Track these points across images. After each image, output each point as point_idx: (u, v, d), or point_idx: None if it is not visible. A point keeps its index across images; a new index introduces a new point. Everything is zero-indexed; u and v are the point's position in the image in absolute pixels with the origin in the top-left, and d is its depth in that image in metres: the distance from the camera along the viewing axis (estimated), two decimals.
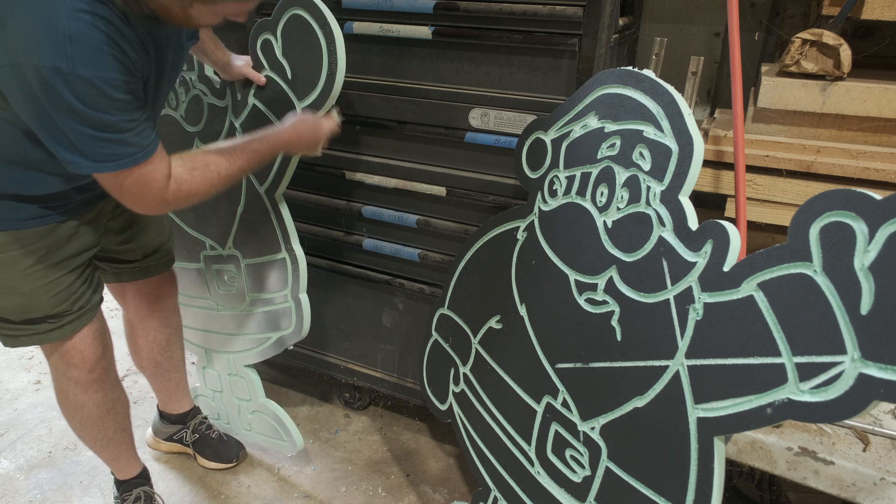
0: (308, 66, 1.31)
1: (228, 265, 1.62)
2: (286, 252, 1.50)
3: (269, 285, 1.56)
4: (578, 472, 1.14)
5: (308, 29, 1.28)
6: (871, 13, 1.19)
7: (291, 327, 1.56)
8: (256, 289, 1.59)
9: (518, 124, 1.32)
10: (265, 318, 1.60)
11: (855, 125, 1.23)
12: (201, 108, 1.51)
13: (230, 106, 1.47)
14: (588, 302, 1.10)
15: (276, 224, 1.49)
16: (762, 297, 0.84)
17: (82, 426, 1.38)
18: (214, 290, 1.68)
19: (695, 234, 0.93)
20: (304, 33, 1.29)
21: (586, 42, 1.22)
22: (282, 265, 1.52)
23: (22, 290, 1.16)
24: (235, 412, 1.77)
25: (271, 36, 1.34)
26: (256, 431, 1.75)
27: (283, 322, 1.57)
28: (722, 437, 0.91)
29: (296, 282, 1.50)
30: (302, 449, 1.70)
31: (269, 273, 1.55)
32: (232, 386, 1.74)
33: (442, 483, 1.70)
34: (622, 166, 1.03)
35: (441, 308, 1.46)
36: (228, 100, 1.46)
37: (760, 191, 1.28)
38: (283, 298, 1.54)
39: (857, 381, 0.74)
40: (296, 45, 1.32)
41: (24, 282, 1.16)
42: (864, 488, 1.09)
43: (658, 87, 0.99)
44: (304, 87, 1.34)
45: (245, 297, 1.62)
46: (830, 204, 0.77)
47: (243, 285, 1.61)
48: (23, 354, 2.23)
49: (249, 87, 1.42)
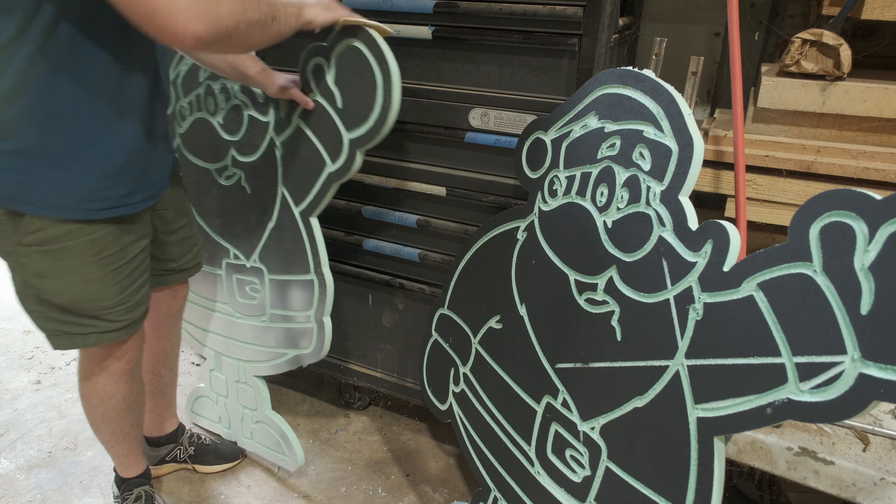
0: (361, 100, 1.27)
1: (252, 277, 1.59)
2: (315, 275, 1.47)
3: (293, 303, 1.53)
4: (578, 472, 1.14)
5: (365, 64, 1.23)
6: (871, 13, 1.19)
7: (311, 348, 1.53)
8: (278, 305, 1.56)
9: (518, 124, 1.32)
10: (284, 334, 1.59)
11: (855, 125, 1.23)
12: (241, 118, 1.47)
13: (273, 123, 1.43)
14: (588, 302, 1.10)
15: (308, 245, 1.46)
16: (762, 297, 0.84)
17: (104, 418, 1.36)
18: (233, 298, 1.65)
19: (695, 234, 0.93)
20: (361, 67, 1.24)
21: (586, 42, 1.22)
22: (308, 286, 1.49)
23: (94, 276, 1.17)
24: (238, 419, 1.76)
25: (324, 62, 1.29)
26: (258, 442, 1.74)
27: (302, 341, 1.55)
28: (722, 437, 0.91)
29: (321, 305, 1.48)
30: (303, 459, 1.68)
31: (294, 292, 1.52)
32: (238, 393, 1.72)
33: (442, 483, 1.70)
34: (622, 166, 1.03)
35: (441, 308, 1.46)
36: (272, 116, 1.42)
37: (760, 191, 1.28)
38: (306, 319, 1.52)
39: (857, 381, 0.74)
40: (350, 76, 1.27)
41: (95, 267, 1.16)
42: (864, 488, 1.09)
43: (658, 87, 0.99)
44: (354, 119, 1.29)
45: (265, 311, 1.59)
46: (830, 204, 0.77)
47: (265, 299, 1.58)
48: (23, 354, 2.23)
49: (296, 108, 1.38)
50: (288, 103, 1.38)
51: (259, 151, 1.47)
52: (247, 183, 1.51)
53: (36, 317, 1.19)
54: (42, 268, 1.13)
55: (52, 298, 1.16)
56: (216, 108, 1.50)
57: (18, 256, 1.12)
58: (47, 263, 1.13)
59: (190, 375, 2.11)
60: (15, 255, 1.13)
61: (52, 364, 2.18)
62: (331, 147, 1.35)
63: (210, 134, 1.53)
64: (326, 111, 1.32)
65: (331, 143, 1.34)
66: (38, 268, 1.13)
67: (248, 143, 1.48)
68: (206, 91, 1.50)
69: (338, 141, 1.33)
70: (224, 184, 1.55)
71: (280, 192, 1.46)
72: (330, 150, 1.35)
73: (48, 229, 1.09)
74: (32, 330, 2.38)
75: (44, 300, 1.16)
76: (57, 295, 1.16)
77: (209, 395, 1.82)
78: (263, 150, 1.46)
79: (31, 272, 1.13)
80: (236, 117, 1.48)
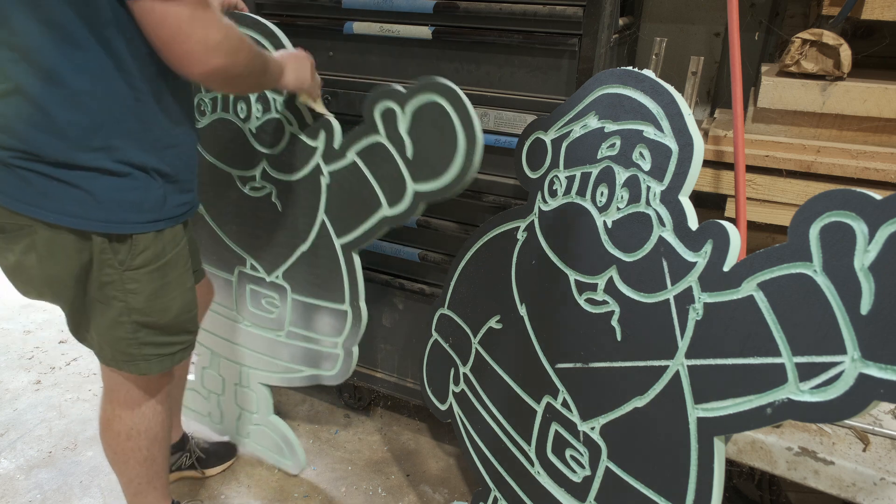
0: (436, 156, 1.21)
1: (270, 292, 1.55)
2: (350, 307, 1.43)
3: (319, 328, 1.50)
4: (578, 472, 1.14)
5: (448, 124, 1.17)
6: (871, 13, 1.19)
7: (334, 371, 1.50)
8: (301, 325, 1.52)
9: (518, 124, 1.32)
10: (303, 352, 1.55)
11: (855, 125, 1.23)
12: (281, 134, 1.40)
13: (322, 149, 1.36)
14: (588, 302, 1.10)
15: (347, 277, 1.42)
16: (762, 297, 0.84)
17: (161, 447, 1.31)
18: (243, 306, 1.61)
19: (695, 234, 0.93)
20: (443, 126, 1.18)
21: (586, 42, 1.21)
22: (340, 315, 1.45)
23: (188, 285, 1.18)
24: (234, 418, 1.76)
25: (398, 108, 1.23)
26: (256, 442, 1.74)
27: (325, 363, 1.52)
28: (722, 437, 0.91)
29: (353, 336, 1.45)
30: (305, 462, 1.69)
31: (323, 317, 1.48)
32: (237, 395, 1.71)
33: (442, 483, 1.70)
34: (622, 166, 1.03)
35: (441, 308, 1.46)
36: (321, 142, 1.36)
37: (760, 191, 1.28)
38: (332, 345, 1.48)
39: (857, 381, 0.74)
40: (428, 131, 1.20)
41: (187, 276, 1.18)
42: (864, 488, 1.09)
43: (658, 87, 0.99)
44: (425, 173, 1.23)
45: (283, 327, 1.55)
46: (830, 204, 0.77)
47: (284, 315, 1.54)
48: (23, 354, 2.23)
49: (353, 143, 1.31)
50: (346, 136, 1.33)
51: (299, 173, 1.41)
52: (278, 200, 1.46)
53: (126, 345, 1.14)
54: (152, 288, 1.11)
55: (157, 319, 1.14)
56: (248, 116, 1.43)
57: (125, 283, 1.08)
58: (157, 282, 1.11)
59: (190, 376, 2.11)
60: (120, 282, 1.08)
61: (52, 364, 2.18)
62: (391, 192, 1.30)
63: (237, 139, 1.47)
64: (392, 157, 1.27)
65: (392, 188, 1.29)
66: (149, 288, 1.10)
67: (286, 161, 1.42)
68: (236, 95, 1.44)
69: (400, 188, 1.28)
70: (248, 193, 1.50)
71: (320, 220, 1.41)
72: (389, 195, 1.30)
73: (152, 247, 1.08)
74: (32, 330, 2.38)
75: (143, 325, 1.13)
76: (162, 314, 1.14)
77: (199, 391, 1.81)
78: (306, 173, 1.40)
79: (140, 296, 1.10)
80: (275, 132, 1.41)
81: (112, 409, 1.25)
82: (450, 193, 1.22)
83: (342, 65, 1.49)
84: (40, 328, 2.40)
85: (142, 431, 1.26)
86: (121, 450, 1.27)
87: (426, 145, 1.22)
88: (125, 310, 1.10)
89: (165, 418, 1.31)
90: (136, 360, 1.16)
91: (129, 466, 1.29)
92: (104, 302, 1.10)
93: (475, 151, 1.16)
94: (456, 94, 1.15)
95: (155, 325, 1.15)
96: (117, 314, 1.10)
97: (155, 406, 1.27)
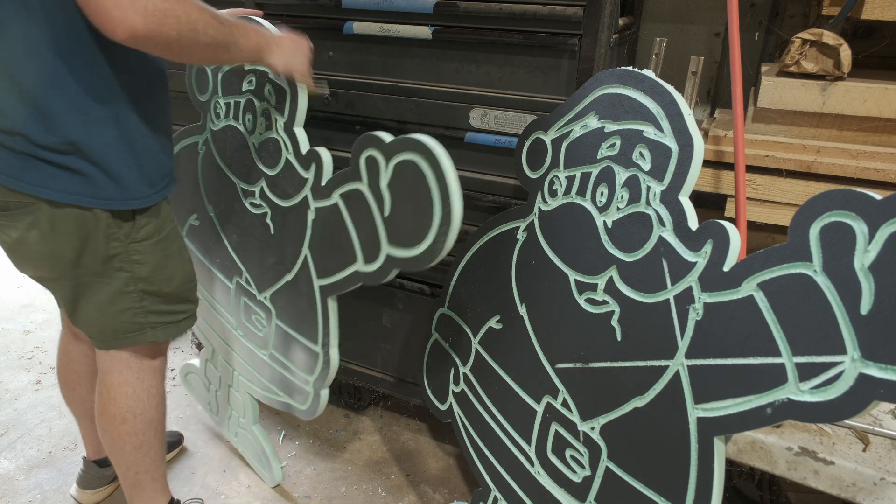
0: (410, 223, 1.10)
1: (259, 310, 1.51)
2: (322, 351, 1.38)
3: (295, 360, 1.46)
4: (578, 472, 1.14)
5: (424, 190, 1.05)
6: (871, 13, 1.19)
7: (304, 406, 1.47)
8: (281, 351, 1.49)
9: (518, 124, 1.32)
10: (281, 378, 1.52)
11: (855, 125, 1.23)
12: (279, 157, 1.34)
13: (311, 183, 1.29)
14: (588, 302, 1.10)
15: (321, 321, 1.36)
16: (762, 297, 0.84)
17: (159, 421, 1.33)
18: (238, 317, 1.59)
19: (695, 234, 0.93)
20: (419, 191, 1.06)
21: (586, 42, 1.22)
22: (313, 356, 1.40)
23: (187, 255, 1.23)
24: (226, 416, 1.76)
25: (381, 159, 1.12)
26: (242, 445, 1.74)
27: (296, 396, 1.49)
28: (722, 437, 0.91)
29: (322, 378, 1.40)
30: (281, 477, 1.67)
31: (299, 351, 1.44)
32: (229, 395, 1.72)
33: (442, 483, 1.70)
34: (622, 166, 1.03)
35: (441, 308, 1.46)
36: (312, 175, 1.28)
37: (760, 191, 1.28)
38: (304, 381, 1.45)
39: (857, 381, 0.74)
40: (405, 192, 1.10)
41: (186, 247, 1.24)
42: (864, 488, 1.09)
43: (658, 87, 0.99)
44: (399, 237, 1.13)
45: (268, 348, 1.53)
46: (830, 204, 0.77)
47: (269, 337, 1.51)
48: (23, 354, 2.23)
49: (340, 184, 1.22)
50: (334, 176, 1.25)
51: (292, 201, 1.34)
52: (272, 222, 1.41)
53: (132, 315, 1.18)
54: (156, 259, 1.16)
55: (161, 287, 1.19)
56: (254, 129, 1.37)
57: (130, 255, 1.13)
58: (160, 253, 1.17)
59: None
60: (126, 254, 1.13)
61: (52, 364, 2.18)
62: (367, 248, 1.21)
63: (243, 151, 1.42)
64: (371, 210, 1.17)
65: (368, 244, 1.20)
66: (153, 259, 1.16)
67: (281, 186, 1.36)
68: (247, 105, 1.38)
69: (375, 247, 1.18)
70: (248, 208, 1.46)
71: (304, 254, 1.36)
72: (365, 250, 1.22)
73: (153, 221, 1.14)
74: (32, 330, 2.38)
75: (148, 293, 1.18)
76: (166, 283, 1.19)
77: (201, 377, 1.81)
78: (296, 203, 1.34)
79: (146, 266, 1.15)
80: (274, 153, 1.35)
81: (107, 393, 1.27)
82: (421, 267, 1.11)
83: (342, 65, 1.49)
84: (40, 328, 2.40)
85: (137, 414, 1.28)
86: (116, 434, 1.28)
87: (403, 208, 1.11)
88: (131, 279, 1.15)
89: (160, 403, 1.32)
90: (143, 328, 1.21)
91: (125, 452, 1.30)
92: (107, 276, 1.14)
93: (449, 230, 1.04)
94: (437, 160, 1.03)
95: (159, 293, 1.20)
96: (123, 284, 1.15)
97: (149, 389, 1.29)
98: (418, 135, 1.06)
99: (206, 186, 1.57)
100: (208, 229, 1.60)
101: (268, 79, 1.32)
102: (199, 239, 1.63)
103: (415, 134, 1.07)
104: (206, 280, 1.66)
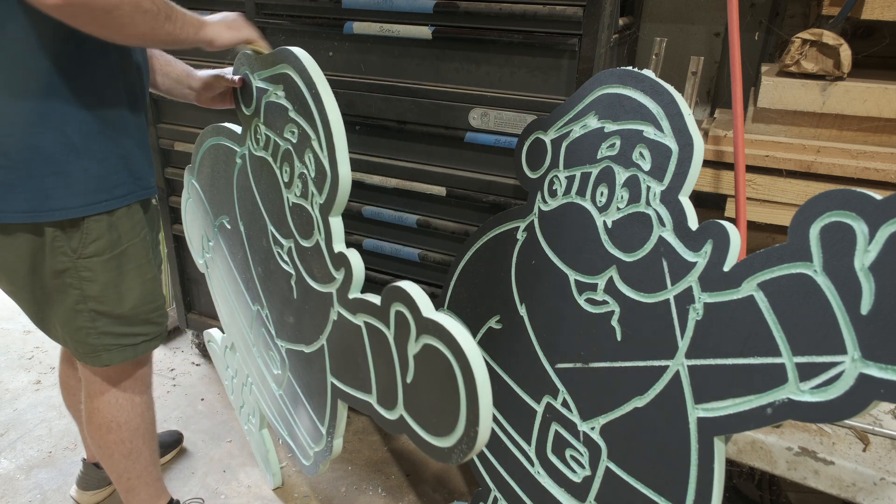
0: (430, 412, 0.96)
1: (274, 351, 1.42)
2: (326, 436, 1.29)
3: (301, 421, 1.39)
4: (578, 472, 1.14)
5: (452, 390, 0.88)
6: (871, 13, 1.19)
7: (307, 463, 1.42)
8: (291, 404, 1.41)
9: (518, 124, 1.32)
10: (288, 424, 1.47)
11: (855, 125, 1.23)
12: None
13: (338, 286, 1.13)
14: (588, 302, 1.10)
15: (329, 410, 1.26)
16: (762, 297, 0.84)
17: (147, 431, 1.30)
18: (258, 343, 1.49)
19: (695, 234, 0.93)
20: (445, 387, 0.90)
21: (586, 42, 1.22)
22: (318, 433, 1.33)
23: (149, 275, 1.16)
24: (238, 405, 1.75)
25: (412, 322, 0.95)
26: (249, 436, 1.74)
27: (299, 449, 1.44)
28: (722, 437, 0.91)
29: (323, 458, 1.33)
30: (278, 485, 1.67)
31: (305, 418, 1.37)
32: (242, 390, 1.70)
33: (442, 483, 1.70)
34: (622, 166, 1.03)
35: (441, 308, 1.46)
36: (340, 279, 1.12)
37: (760, 191, 1.28)
38: (308, 444, 1.39)
39: (858, 381, 0.74)
40: (431, 379, 0.94)
41: (149, 267, 1.16)
42: (864, 488, 1.09)
43: (658, 87, 0.99)
44: (415, 414, 0.99)
45: (280, 387, 1.45)
46: (830, 204, 0.77)
47: (281, 383, 1.44)
48: (23, 354, 2.23)
49: (365, 313, 1.06)
50: (361, 294, 1.09)
51: (318, 286, 1.19)
52: (296, 287, 1.25)
53: (85, 335, 1.14)
54: (108, 277, 1.10)
55: (112, 309, 1.13)
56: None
57: (79, 270, 1.08)
58: (113, 271, 1.11)
59: (190, 376, 2.11)
60: (74, 269, 1.08)
61: (52, 364, 2.18)
62: (383, 392, 1.07)
63: (274, 188, 1.22)
64: (394, 364, 1.01)
65: (385, 389, 1.06)
66: (104, 277, 1.10)
67: (308, 262, 1.20)
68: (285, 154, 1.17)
69: (392, 399, 1.04)
70: (277, 258, 1.29)
71: (322, 343, 1.23)
72: (380, 393, 1.08)
73: (106, 235, 1.08)
74: (32, 330, 2.38)
75: (101, 314, 1.13)
76: (117, 304, 1.13)
77: (221, 358, 1.77)
78: (322, 291, 1.18)
79: (96, 284, 1.10)
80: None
81: (91, 403, 1.25)
82: (437, 458, 0.96)
83: (342, 65, 1.49)
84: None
85: (122, 423, 1.26)
86: (104, 443, 1.27)
87: (426, 392, 0.95)
88: (81, 297, 1.10)
89: (145, 410, 1.30)
90: (97, 350, 1.16)
91: (114, 460, 1.29)
92: (62, 290, 1.10)
93: (473, 448, 0.87)
94: (457, 344, 0.85)
95: (112, 315, 1.14)
96: (74, 302, 1.11)
97: (132, 397, 1.26)
98: (444, 319, 0.89)
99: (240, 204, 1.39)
100: (237, 239, 1.44)
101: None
102: (228, 242, 1.50)
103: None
104: (228, 275, 1.54)
